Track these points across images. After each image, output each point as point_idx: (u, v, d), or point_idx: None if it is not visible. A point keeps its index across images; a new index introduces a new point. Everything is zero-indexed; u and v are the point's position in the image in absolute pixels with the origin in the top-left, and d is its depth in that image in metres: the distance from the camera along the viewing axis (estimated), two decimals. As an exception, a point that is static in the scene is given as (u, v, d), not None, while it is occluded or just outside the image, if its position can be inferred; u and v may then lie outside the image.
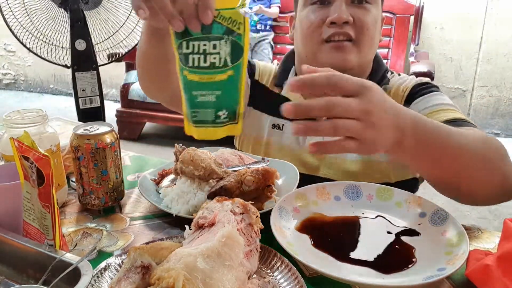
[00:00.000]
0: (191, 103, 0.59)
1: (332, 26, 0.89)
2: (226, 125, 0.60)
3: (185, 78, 0.58)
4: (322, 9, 0.91)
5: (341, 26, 0.89)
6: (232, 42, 0.56)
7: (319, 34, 0.91)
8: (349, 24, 0.89)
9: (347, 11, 0.89)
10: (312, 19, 0.92)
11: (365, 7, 0.91)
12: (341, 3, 0.89)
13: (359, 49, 0.91)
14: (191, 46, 0.56)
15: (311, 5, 0.93)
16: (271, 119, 1.03)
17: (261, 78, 1.08)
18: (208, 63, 0.57)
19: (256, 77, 1.08)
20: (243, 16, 0.55)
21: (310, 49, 0.94)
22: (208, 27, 0.55)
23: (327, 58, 0.91)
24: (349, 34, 0.89)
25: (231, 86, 0.58)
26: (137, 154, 1.08)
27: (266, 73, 1.09)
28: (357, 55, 0.92)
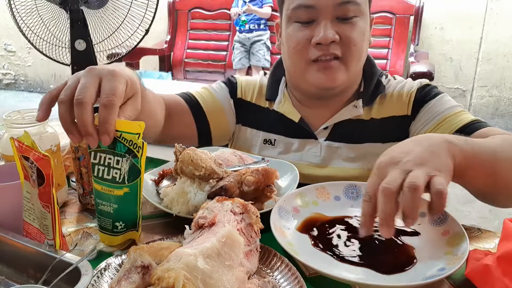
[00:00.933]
0: (96, 208, 0.67)
1: (318, 46, 0.87)
2: (124, 233, 0.67)
3: (94, 184, 0.65)
4: (307, 28, 0.88)
5: (327, 46, 0.87)
6: (131, 162, 0.63)
7: (305, 54, 0.89)
8: (335, 43, 0.87)
9: (332, 29, 0.86)
10: (298, 38, 0.89)
11: (352, 22, 0.88)
12: (326, 22, 0.86)
13: (347, 65, 0.89)
14: (98, 157, 0.63)
15: (295, 22, 0.90)
16: (262, 134, 1.02)
17: (245, 95, 1.06)
18: (110, 177, 0.64)
19: (239, 95, 1.06)
20: (142, 141, 0.63)
21: (297, 67, 0.93)
22: (113, 144, 0.62)
23: (315, 78, 0.90)
24: (336, 54, 0.87)
25: (127, 202, 0.65)
26: (137, 154, 1.08)
27: (250, 88, 1.06)
28: (345, 73, 0.90)
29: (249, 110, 1.05)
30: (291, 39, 0.91)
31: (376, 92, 0.97)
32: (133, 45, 1.76)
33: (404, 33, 3.22)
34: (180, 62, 3.66)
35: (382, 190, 0.54)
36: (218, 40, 3.65)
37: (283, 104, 1.01)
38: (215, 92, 1.06)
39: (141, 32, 1.79)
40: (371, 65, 1.01)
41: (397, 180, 0.54)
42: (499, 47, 3.46)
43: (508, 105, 3.62)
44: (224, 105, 1.04)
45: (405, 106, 0.95)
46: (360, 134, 0.96)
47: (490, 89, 3.61)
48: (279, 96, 1.02)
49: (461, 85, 3.65)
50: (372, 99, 0.97)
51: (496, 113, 3.66)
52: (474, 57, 3.55)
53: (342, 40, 0.87)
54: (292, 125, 0.99)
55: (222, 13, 3.61)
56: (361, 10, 0.89)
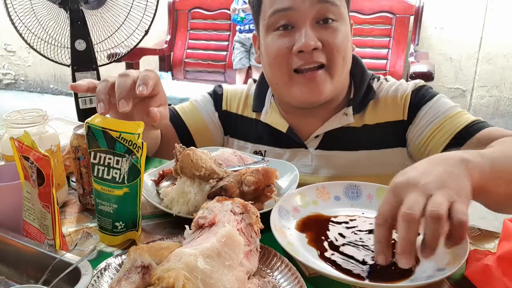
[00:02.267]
0: (95, 208, 0.67)
1: (300, 54, 0.83)
2: (124, 233, 0.67)
3: (93, 184, 0.66)
4: (287, 36, 0.84)
5: (310, 54, 0.82)
6: (131, 162, 0.64)
7: (287, 64, 0.85)
8: (318, 50, 0.83)
9: (313, 35, 0.82)
10: (278, 47, 0.85)
11: (332, 26, 0.84)
12: (306, 27, 0.82)
13: (332, 75, 0.86)
14: (98, 157, 0.64)
15: (274, 31, 0.86)
16: (251, 146, 1.01)
17: (230, 107, 1.04)
18: (110, 177, 0.64)
19: (224, 107, 1.04)
20: (142, 141, 0.63)
21: (280, 79, 0.89)
22: (112, 144, 0.63)
23: (299, 92, 0.86)
24: (321, 62, 0.84)
25: (126, 202, 0.65)
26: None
27: (236, 99, 1.05)
28: (330, 83, 0.86)
29: (236, 122, 1.04)
30: (271, 49, 0.87)
31: (367, 98, 0.94)
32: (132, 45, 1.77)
33: (404, 33, 3.22)
34: (180, 62, 3.66)
35: (404, 216, 0.49)
36: (218, 40, 3.65)
37: (270, 114, 0.98)
38: (198, 106, 1.05)
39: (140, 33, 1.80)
40: (361, 69, 0.97)
41: (419, 205, 0.49)
42: (499, 47, 3.46)
43: (508, 105, 3.61)
44: (207, 120, 1.03)
45: (400, 111, 0.92)
46: (352, 142, 0.93)
47: (490, 89, 3.60)
48: (266, 107, 0.99)
49: (461, 85, 3.65)
50: (362, 105, 0.93)
51: (496, 113, 3.66)
52: (474, 57, 3.55)
53: (324, 46, 0.83)
54: (280, 136, 0.96)
55: (222, 13, 3.61)
56: (341, 13, 0.85)
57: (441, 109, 0.89)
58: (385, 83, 0.97)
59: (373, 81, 0.97)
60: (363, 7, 3.14)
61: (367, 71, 0.98)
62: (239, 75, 3.47)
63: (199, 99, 1.07)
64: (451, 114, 0.87)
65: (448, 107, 0.89)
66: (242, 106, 1.04)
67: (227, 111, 1.05)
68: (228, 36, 3.62)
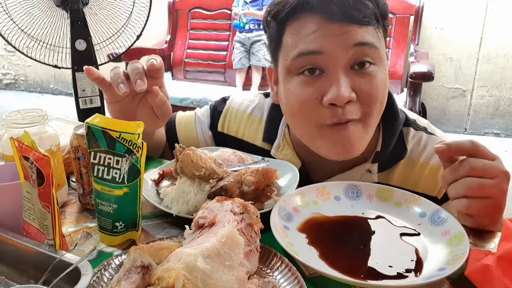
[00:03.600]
0: (95, 208, 0.67)
1: (331, 107, 0.70)
2: (124, 233, 0.67)
3: (93, 184, 0.66)
4: (315, 83, 0.71)
5: (343, 107, 0.69)
6: (131, 162, 0.63)
7: (315, 116, 0.72)
8: (352, 101, 0.70)
9: (348, 85, 0.69)
10: (304, 97, 0.72)
11: (370, 73, 0.70)
12: (338, 74, 0.68)
13: (367, 126, 0.73)
14: (97, 157, 0.64)
15: (297, 75, 0.73)
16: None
17: (227, 129, 0.95)
18: (110, 177, 0.64)
19: (220, 129, 0.96)
20: (142, 141, 0.63)
21: (305, 132, 0.77)
22: (112, 144, 0.63)
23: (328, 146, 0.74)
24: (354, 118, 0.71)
25: (126, 202, 0.65)
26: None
27: (236, 120, 0.95)
28: (364, 135, 0.74)
29: (230, 145, 0.92)
30: (294, 98, 0.73)
31: (396, 156, 0.81)
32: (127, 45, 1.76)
33: (404, 33, 3.22)
34: (180, 62, 3.65)
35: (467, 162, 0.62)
36: (218, 40, 3.65)
37: (282, 149, 0.87)
38: (196, 121, 0.99)
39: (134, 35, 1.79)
40: (393, 115, 0.81)
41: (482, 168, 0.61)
42: (499, 47, 3.46)
43: (508, 105, 3.61)
44: (199, 138, 0.98)
45: (436, 186, 0.80)
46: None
47: (490, 89, 3.60)
48: (278, 140, 0.88)
49: (461, 85, 3.65)
50: (389, 164, 0.81)
51: (496, 113, 3.66)
52: (474, 57, 3.55)
53: (359, 97, 0.70)
54: None
55: (222, 13, 3.61)
56: (380, 55, 0.72)
57: None
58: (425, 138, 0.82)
59: (407, 130, 0.83)
60: (363, 7, 3.14)
61: (400, 115, 0.82)
62: (239, 75, 3.47)
63: (200, 113, 1.00)
64: None
65: None
66: (244, 129, 0.93)
67: (222, 133, 0.95)
68: (228, 36, 3.62)
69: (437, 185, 0.80)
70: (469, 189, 0.62)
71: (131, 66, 0.75)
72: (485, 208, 0.63)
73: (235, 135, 0.95)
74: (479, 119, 3.70)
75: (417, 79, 2.68)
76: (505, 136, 3.68)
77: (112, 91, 0.78)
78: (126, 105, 0.80)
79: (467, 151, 0.63)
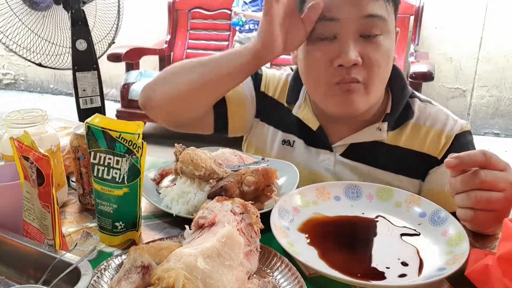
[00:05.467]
0: (95, 208, 0.67)
1: (339, 68, 0.80)
2: (124, 233, 0.67)
3: (93, 184, 0.66)
4: (328, 46, 0.80)
5: (348, 69, 0.79)
6: (131, 162, 0.64)
7: (325, 75, 0.82)
8: (358, 65, 0.79)
9: (355, 50, 0.78)
10: (317, 58, 0.82)
11: (376, 41, 0.80)
12: (349, 40, 0.78)
13: (369, 89, 0.82)
14: (97, 157, 0.64)
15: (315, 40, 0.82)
16: (281, 134, 0.98)
17: (267, 89, 1.02)
18: (110, 177, 0.64)
19: (262, 89, 1.02)
20: (142, 141, 0.63)
21: (316, 89, 0.87)
22: (112, 144, 0.63)
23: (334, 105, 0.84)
24: (357, 79, 0.80)
25: (126, 202, 0.65)
26: (137, 154, 1.08)
27: (274, 83, 1.02)
28: (366, 98, 0.83)
29: (270, 106, 1.01)
30: (310, 59, 0.84)
31: (404, 117, 0.90)
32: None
33: (404, 33, 3.23)
34: (180, 62, 3.65)
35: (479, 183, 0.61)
36: (218, 40, 3.65)
37: (303, 110, 0.96)
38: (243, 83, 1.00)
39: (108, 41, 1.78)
40: (402, 84, 0.93)
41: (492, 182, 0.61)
42: (499, 47, 3.46)
43: (508, 105, 3.62)
44: (247, 96, 1.01)
45: (438, 148, 0.88)
46: (378, 159, 0.90)
47: (490, 89, 3.61)
48: (299, 101, 0.97)
49: (461, 85, 3.65)
50: (398, 124, 0.90)
51: (496, 113, 3.66)
52: (474, 57, 3.55)
53: (365, 62, 0.79)
54: (309, 132, 0.94)
55: (222, 13, 3.61)
56: (387, 27, 0.81)
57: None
58: (430, 107, 0.93)
59: (413, 100, 0.93)
60: (363, 7, 3.14)
61: (408, 87, 0.94)
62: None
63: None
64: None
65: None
66: (279, 91, 1.02)
67: (264, 93, 1.03)
68: (228, 36, 3.62)
69: (439, 148, 0.89)
70: (476, 203, 0.62)
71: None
72: (490, 219, 0.63)
73: (273, 95, 1.02)
74: (479, 119, 3.70)
75: (417, 79, 2.69)
76: (505, 136, 3.68)
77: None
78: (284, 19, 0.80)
79: (478, 164, 0.62)
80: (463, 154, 0.62)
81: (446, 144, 0.89)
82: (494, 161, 0.62)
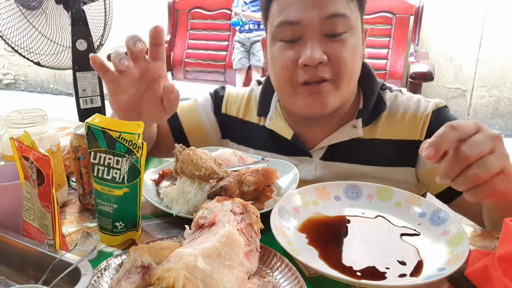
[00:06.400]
0: (95, 208, 0.67)
1: (305, 68, 0.80)
2: (124, 233, 0.67)
3: (93, 184, 0.66)
4: (293, 47, 0.82)
5: (315, 68, 0.80)
6: (131, 162, 0.64)
7: (292, 76, 0.83)
8: (324, 64, 0.80)
9: (320, 48, 0.79)
10: (283, 59, 0.83)
11: (341, 39, 0.80)
12: (312, 40, 0.79)
13: (338, 87, 0.83)
14: (97, 157, 0.64)
15: (280, 41, 0.84)
16: (253, 151, 0.98)
17: (229, 110, 1.03)
18: (110, 177, 0.64)
19: (223, 111, 1.03)
20: (142, 141, 0.63)
21: (285, 90, 0.87)
22: (112, 144, 0.63)
23: (304, 104, 0.84)
24: (325, 77, 0.81)
25: (126, 202, 0.65)
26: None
27: (237, 102, 1.03)
28: (336, 95, 0.83)
29: (236, 126, 1.01)
30: (276, 60, 0.85)
31: (377, 110, 0.91)
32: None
33: (404, 33, 3.22)
34: (180, 62, 3.66)
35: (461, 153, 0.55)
36: (218, 40, 3.65)
37: (275, 121, 0.95)
38: (198, 107, 1.04)
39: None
40: (370, 78, 0.93)
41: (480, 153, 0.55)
42: (499, 47, 3.46)
43: (508, 105, 3.62)
44: (204, 122, 1.03)
45: (417, 130, 0.88)
46: (359, 155, 0.90)
47: (490, 89, 3.61)
48: (271, 112, 0.97)
49: (461, 85, 3.65)
50: (372, 118, 0.90)
51: (496, 113, 3.66)
52: (474, 57, 3.55)
53: (331, 60, 0.80)
54: (285, 143, 0.94)
55: (222, 13, 3.61)
56: (351, 24, 0.81)
57: None
58: (401, 96, 0.93)
59: (384, 92, 0.93)
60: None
61: (377, 80, 0.94)
62: (239, 75, 3.47)
63: (200, 99, 1.06)
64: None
65: None
66: (243, 110, 1.02)
67: (226, 115, 1.03)
68: (228, 36, 3.62)
69: (419, 130, 0.88)
70: (477, 179, 0.56)
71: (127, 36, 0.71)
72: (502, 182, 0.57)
73: (236, 115, 1.03)
74: (479, 119, 3.70)
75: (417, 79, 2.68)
76: (505, 136, 3.68)
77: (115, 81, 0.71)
78: (131, 96, 0.74)
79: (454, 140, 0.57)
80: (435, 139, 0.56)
81: (424, 124, 0.88)
82: (466, 130, 0.56)
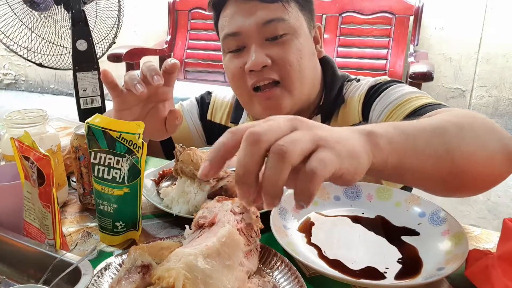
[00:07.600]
0: (96, 208, 0.67)
1: (252, 73, 0.83)
2: (124, 233, 0.68)
3: (94, 184, 0.66)
4: (239, 57, 0.85)
5: (260, 71, 0.82)
6: (131, 162, 0.64)
7: (244, 83, 0.85)
8: (268, 67, 0.82)
9: (262, 53, 0.81)
10: (232, 69, 0.87)
11: (283, 41, 0.82)
12: (254, 46, 0.82)
13: (290, 90, 0.84)
14: (98, 157, 0.64)
15: (228, 52, 0.88)
16: (235, 157, 0.97)
17: (214, 117, 1.04)
18: (110, 177, 0.64)
19: (209, 117, 1.05)
20: (142, 142, 0.64)
21: (241, 97, 0.90)
22: (113, 144, 0.63)
23: (259, 109, 0.86)
24: (272, 78, 0.82)
25: (127, 202, 0.66)
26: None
27: (221, 109, 1.05)
28: (289, 98, 0.84)
29: (219, 132, 0.98)
30: (228, 69, 0.88)
31: (336, 103, 0.90)
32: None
33: (403, 33, 3.22)
34: (180, 62, 3.66)
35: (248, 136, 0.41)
36: (218, 41, 3.64)
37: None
38: (184, 112, 1.05)
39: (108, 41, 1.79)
40: (331, 73, 0.93)
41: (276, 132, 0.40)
42: (499, 47, 3.46)
43: (507, 105, 3.62)
44: (190, 127, 1.04)
45: (356, 112, 0.88)
46: None
47: (490, 89, 3.61)
48: (243, 118, 1.00)
49: (461, 85, 3.65)
50: (331, 112, 0.90)
51: (495, 113, 3.66)
52: (473, 57, 3.55)
53: (275, 62, 0.82)
54: None
55: (222, 13, 3.61)
56: (291, 26, 0.83)
57: (394, 97, 0.80)
58: (354, 83, 0.92)
59: (347, 84, 0.93)
60: (363, 7, 3.14)
61: (338, 74, 0.94)
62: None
63: (186, 104, 1.07)
64: (404, 99, 0.78)
65: (402, 93, 0.80)
66: (225, 116, 1.03)
67: (211, 121, 1.04)
68: (228, 36, 3.62)
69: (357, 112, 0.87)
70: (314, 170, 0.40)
71: (145, 64, 0.72)
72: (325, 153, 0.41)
73: (220, 122, 1.04)
74: (479, 119, 3.69)
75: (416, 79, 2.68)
76: (505, 136, 3.68)
77: (122, 97, 0.73)
78: (135, 114, 0.76)
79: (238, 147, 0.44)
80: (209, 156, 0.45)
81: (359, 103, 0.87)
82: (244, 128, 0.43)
